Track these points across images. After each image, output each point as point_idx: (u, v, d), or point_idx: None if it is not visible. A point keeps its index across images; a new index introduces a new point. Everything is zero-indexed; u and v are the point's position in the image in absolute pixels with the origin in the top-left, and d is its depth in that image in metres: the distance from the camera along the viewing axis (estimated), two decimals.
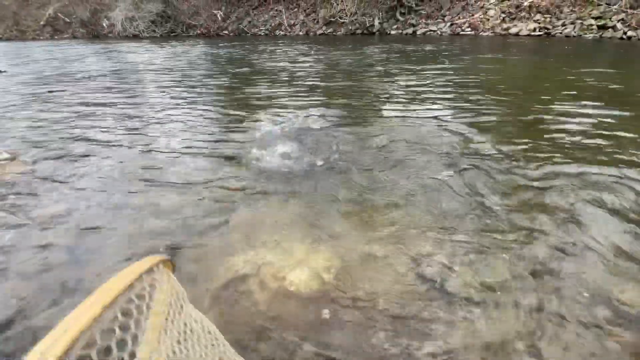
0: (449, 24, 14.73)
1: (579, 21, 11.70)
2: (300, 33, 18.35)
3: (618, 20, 10.95)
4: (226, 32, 20.40)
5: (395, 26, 16.07)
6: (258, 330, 1.43)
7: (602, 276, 1.51)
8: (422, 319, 1.43)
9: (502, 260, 1.67)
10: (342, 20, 17.10)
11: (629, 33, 10.48)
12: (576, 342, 1.24)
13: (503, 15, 13.74)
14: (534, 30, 12.49)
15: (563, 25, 12.05)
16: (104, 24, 22.65)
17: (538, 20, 12.77)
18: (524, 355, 1.23)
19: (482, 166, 2.72)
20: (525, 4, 13.28)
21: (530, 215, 2.00)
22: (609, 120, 3.71)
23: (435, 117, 4.13)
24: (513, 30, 12.96)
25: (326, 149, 3.29)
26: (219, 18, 20.59)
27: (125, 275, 0.50)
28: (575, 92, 4.86)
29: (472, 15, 14.46)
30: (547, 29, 12.28)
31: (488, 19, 13.97)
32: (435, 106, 4.55)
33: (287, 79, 6.93)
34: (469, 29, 14.05)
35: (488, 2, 14.57)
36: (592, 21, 11.37)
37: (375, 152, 3.16)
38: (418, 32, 15.18)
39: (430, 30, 14.98)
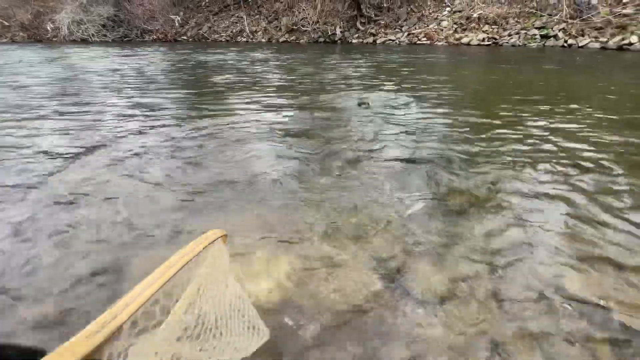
0: (406, 33, 15.30)
1: (524, 31, 12.64)
2: (263, 40, 18.20)
3: (559, 30, 11.96)
4: (185, 37, 19.75)
5: (356, 35, 16.43)
6: None
7: (552, 266, 1.58)
8: (383, 319, 1.37)
9: (457, 256, 1.67)
10: (305, 29, 17.20)
11: (569, 41, 11.47)
12: (529, 328, 1.27)
13: (455, 26, 14.52)
14: (483, 40, 13.31)
15: (509, 35, 12.95)
16: (48, 28, 21.03)
17: (487, 30, 13.63)
18: (482, 347, 1.22)
19: (438, 167, 2.72)
20: (475, 15, 14.14)
21: (483, 214, 2.01)
22: (551, 119, 3.92)
23: (398, 123, 4.15)
24: (464, 40, 13.72)
25: (286, 153, 3.16)
26: (177, 23, 19.91)
27: (192, 248, 0.56)
28: (519, 96, 5.14)
29: (427, 26, 15.15)
30: (495, 39, 13.13)
31: (442, 30, 14.70)
32: (390, 110, 4.58)
33: (248, 84, 6.74)
34: (425, 39, 14.68)
35: (441, 14, 15.35)
36: (536, 31, 12.33)
37: (337, 155, 3.07)
38: (378, 41, 15.62)
39: (390, 40, 15.48)
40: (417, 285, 1.54)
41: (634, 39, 10.23)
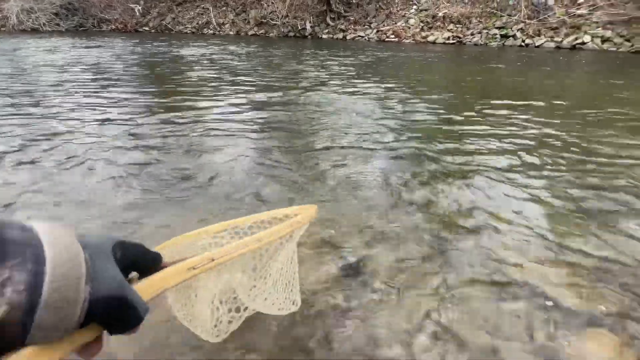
0: (375, 30, 15.46)
1: (485, 31, 13.15)
2: (231, 33, 17.69)
3: (517, 30, 12.55)
4: (146, 28, 18.78)
5: (326, 30, 16.37)
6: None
7: (502, 249, 1.61)
8: (340, 307, 1.29)
9: (416, 243, 1.65)
10: (274, 22, 16.91)
11: (527, 41, 12.06)
12: (480, 308, 1.28)
13: (422, 24, 14.85)
14: (448, 38, 13.72)
15: (472, 34, 13.43)
16: None
17: (451, 29, 14.06)
18: (435, 327, 1.21)
19: (398, 159, 2.67)
20: (440, 14, 14.54)
21: (441, 204, 2.01)
22: (510, 111, 4.06)
23: (357, 112, 4.11)
24: (431, 39, 14.07)
25: (249, 150, 3.02)
26: (137, 13, 18.87)
27: (289, 225, 0.58)
28: (481, 91, 5.29)
29: (395, 23, 15.39)
30: (459, 37, 13.57)
31: (409, 27, 14.98)
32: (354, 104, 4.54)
33: (217, 78, 6.47)
34: (393, 36, 14.90)
35: (409, 12, 15.65)
36: (496, 30, 12.86)
37: (298, 151, 2.97)
38: (348, 37, 15.66)
39: (359, 36, 15.57)
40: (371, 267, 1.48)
41: (587, 38, 10.94)
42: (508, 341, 1.15)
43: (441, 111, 4.05)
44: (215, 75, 6.34)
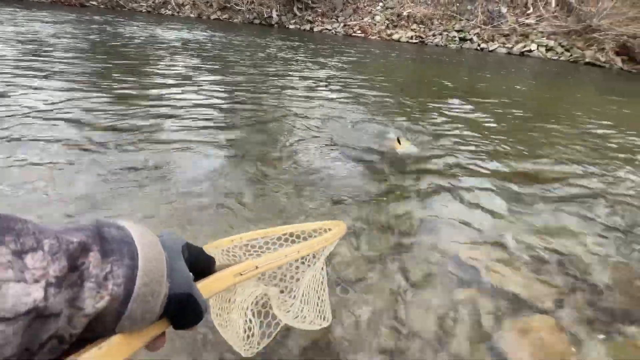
0: (342, 24, 15.56)
1: (445, 33, 13.85)
2: (192, 15, 16.72)
3: (474, 34, 13.37)
4: (94, 3, 17.09)
5: (293, 21, 16.14)
6: None
7: (453, 243, 1.73)
8: None
9: (374, 237, 1.72)
10: (239, 7, 16.29)
11: (482, 45, 12.91)
12: (433, 298, 1.37)
13: (387, 22, 15.24)
14: (412, 37, 14.24)
15: (434, 35, 14.07)
16: None
17: (415, 29, 14.61)
18: (392, 322, 1.27)
19: (357, 153, 2.72)
20: (405, 13, 15.03)
21: (398, 200, 2.08)
22: (465, 109, 4.36)
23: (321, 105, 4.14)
24: (395, 37, 14.50)
25: (204, 139, 2.90)
26: None
27: (322, 240, 0.58)
28: (437, 89, 5.60)
29: (362, 19, 15.62)
30: (422, 37, 14.15)
31: (375, 24, 15.30)
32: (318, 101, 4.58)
33: (177, 65, 6.10)
34: (360, 32, 15.13)
35: (375, 8, 15.96)
36: (455, 33, 13.60)
37: (263, 143, 2.93)
38: (315, 29, 15.58)
39: (326, 29, 15.57)
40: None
41: (533, 46, 11.98)
42: (456, 327, 1.25)
43: (402, 107, 4.22)
44: (173, 63, 5.98)
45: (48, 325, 0.23)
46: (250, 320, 0.60)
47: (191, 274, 0.35)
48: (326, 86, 4.83)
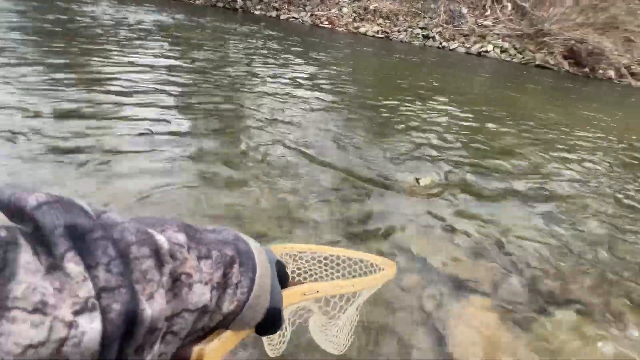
0: (309, 14, 15.33)
1: (410, 29, 14.16)
2: None
3: (437, 32, 13.79)
4: None
5: (259, 7, 15.62)
6: None
7: (420, 243, 1.78)
8: None
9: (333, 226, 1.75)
10: None
11: (444, 44, 13.36)
12: (396, 299, 1.41)
13: (354, 15, 15.26)
14: (378, 32, 14.40)
15: (398, 31, 14.33)
16: None
17: (380, 24, 14.77)
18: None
19: (336, 147, 2.74)
20: (371, 7, 15.13)
21: (361, 194, 2.12)
22: (424, 106, 4.51)
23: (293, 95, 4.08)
24: (362, 30, 14.57)
25: (158, 122, 2.74)
26: None
27: (375, 279, 0.62)
28: (399, 88, 5.74)
29: (330, 10, 15.50)
30: (387, 32, 14.36)
31: (342, 16, 15.26)
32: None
33: (133, 50, 5.67)
34: (327, 23, 15.01)
35: (342, 0, 15.90)
36: (419, 30, 13.95)
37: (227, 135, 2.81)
38: (282, 17, 15.21)
39: (293, 17, 15.25)
40: None
41: (489, 47, 12.61)
42: (401, 314, 1.31)
43: (368, 101, 4.26)
44: (130, 46, 5.54)
45: (204, 318, 0.29)
46: (286, 328, 0.64)
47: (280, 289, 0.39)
48: (292, 80, 4.72)
